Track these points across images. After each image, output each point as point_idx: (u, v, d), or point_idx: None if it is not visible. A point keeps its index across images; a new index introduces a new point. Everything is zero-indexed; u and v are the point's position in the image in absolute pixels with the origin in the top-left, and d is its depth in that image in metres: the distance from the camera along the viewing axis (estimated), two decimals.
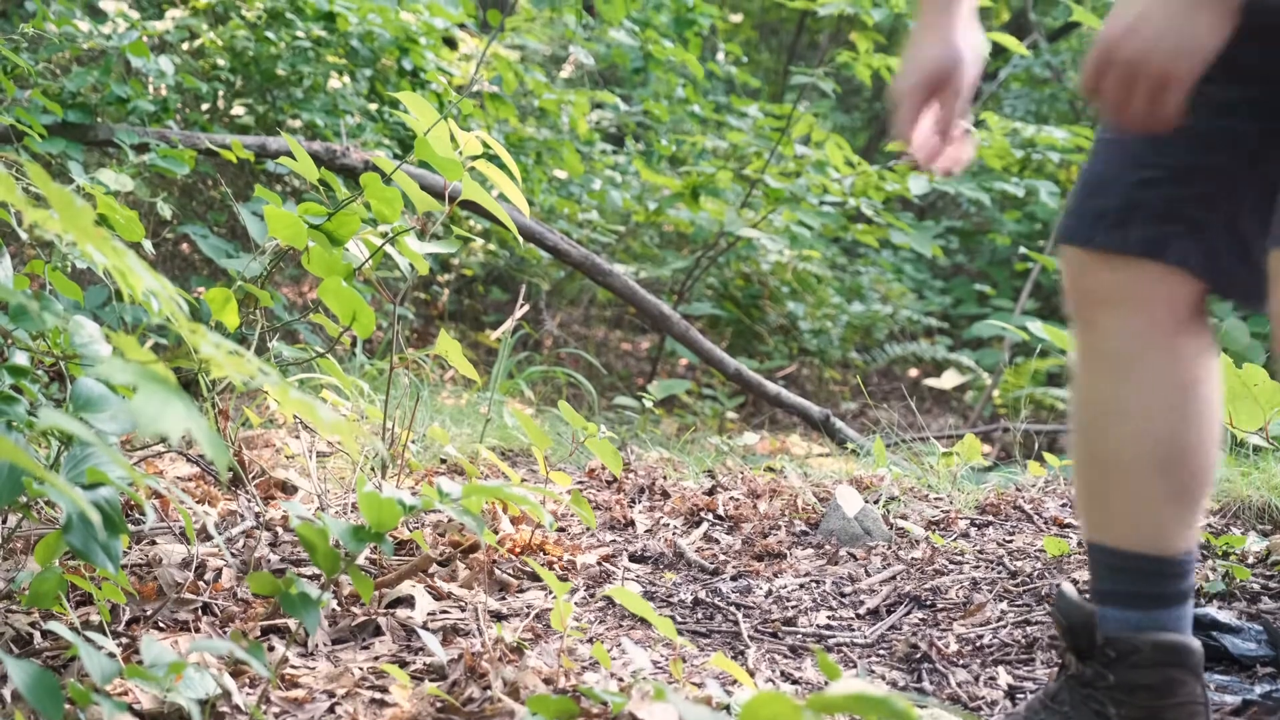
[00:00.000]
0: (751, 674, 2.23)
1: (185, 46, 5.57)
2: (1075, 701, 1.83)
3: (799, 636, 2.49)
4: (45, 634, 2.12)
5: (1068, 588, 1.89)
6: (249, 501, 2.94)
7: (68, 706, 1.61)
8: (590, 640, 2.36)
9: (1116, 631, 1.80)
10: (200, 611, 2.33)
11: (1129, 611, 1.80)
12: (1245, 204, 1.65)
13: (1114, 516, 1.80)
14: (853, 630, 2.53)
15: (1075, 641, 1.85)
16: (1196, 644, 1.79)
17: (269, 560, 2.60)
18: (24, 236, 2.41)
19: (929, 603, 2.66)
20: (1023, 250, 7.82)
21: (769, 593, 2.77)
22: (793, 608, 2.66)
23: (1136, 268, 1.70)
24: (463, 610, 2.42)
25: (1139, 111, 1.44)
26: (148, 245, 2.45)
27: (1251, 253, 1.64)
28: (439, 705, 1.91)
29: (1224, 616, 2.34)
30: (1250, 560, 2.77)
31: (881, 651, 2.42)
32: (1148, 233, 1.69)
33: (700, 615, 2.62)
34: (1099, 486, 1.80)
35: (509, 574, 2.64)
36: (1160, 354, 1.71)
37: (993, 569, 2.82)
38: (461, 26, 6.76)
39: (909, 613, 2.60)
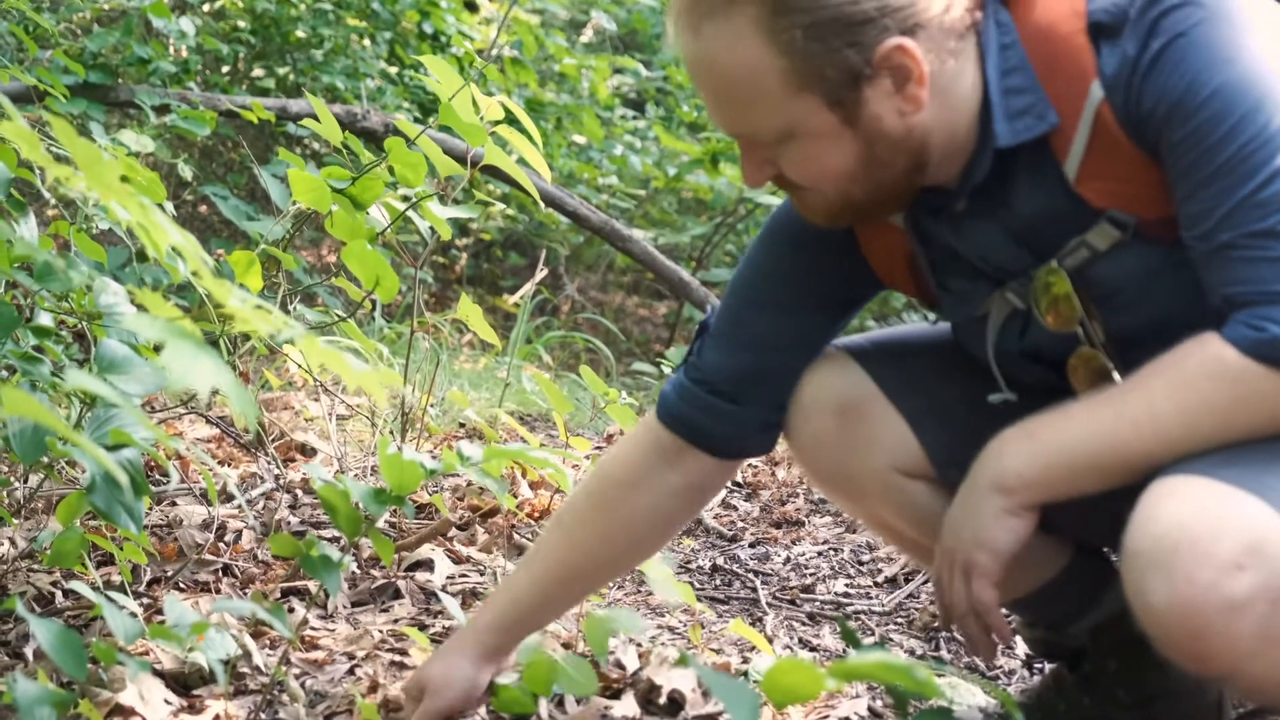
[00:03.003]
0: (770, 641, 2.23)
1: (206, 8, 5.56)
2: (1083, 686, 1.82)
3: (817, 604, 2.50)
4: (67, 593, 2.14)
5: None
6: (269, 464, 2.94)
7: (90, 665, 1.61)
8: (609, 605, 2.37)
9: (1106, 618, 1.78)
10: (221, 573, 2.34)
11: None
12: None
13: None
14: (870, 598, 2.53)
15: (1061, 658, 1.86)
16: None
17: (289, 522, 2.61)
18: (47, 196, 2.41)
19: None
20: None
21: (787, 560, 2.77)
22: (811, 575, 2.66)
23: None
24: (482, 574, 2.42)
25: (960, 593, 1.54)
26: (169, 207, 2.45)
27: None
28: None
29: None
30: None
31: (899, 620, 2.42)
32: None
33: (719, 582, 2.63)
34: None
35: (528, 538, 2.64)
36: None
37: None
38: None
39: (927, 581, 2.59)
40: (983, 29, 1.47)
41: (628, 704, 1.84)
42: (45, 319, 2.04)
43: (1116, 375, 1.55)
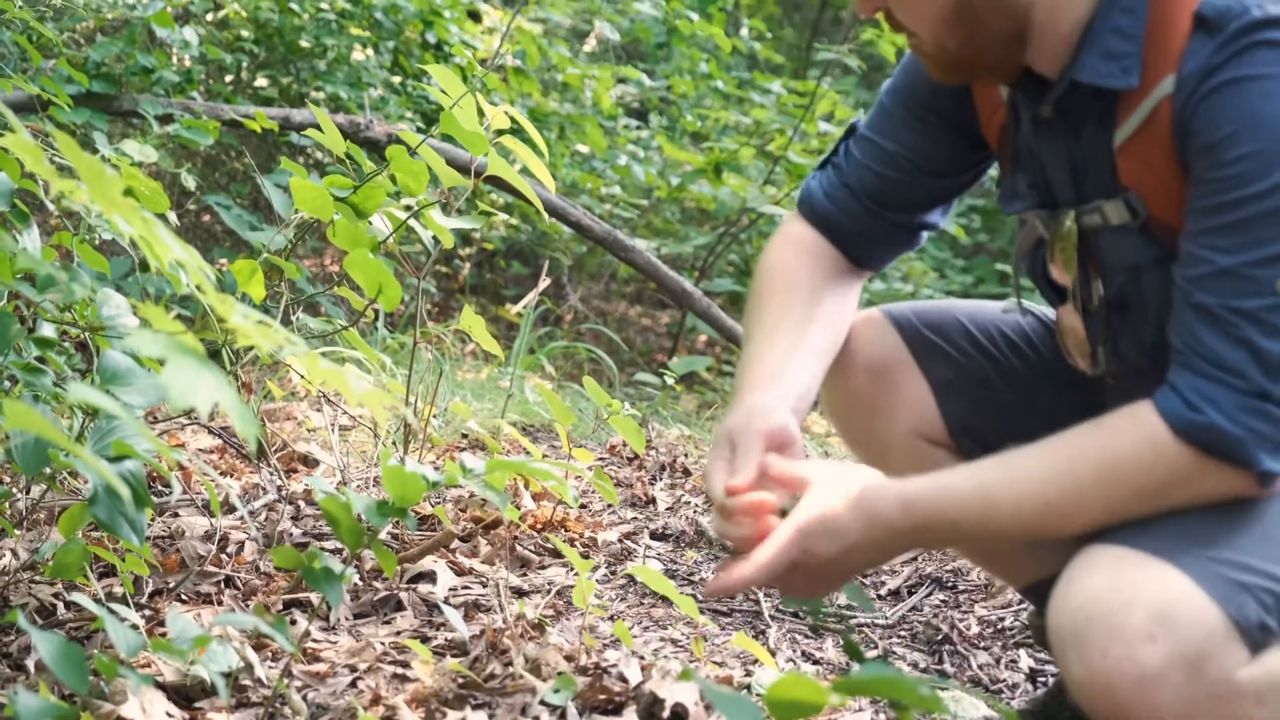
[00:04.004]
0: (773, 654, 2.22)
1: (209, 17, 5.56)
2: None
3: (820, 617, 2.49)
4: (69, 605, 2.13)
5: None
6: (271, 475, 2.94)
7: (92, 678, 1.61)
8: (612, 618, 2.36)
9: None
10: (223, 584, 2.34)
11: None
12: None
13: None
14: (874, 611, 2.52)
15: None
16: None
17: (291, 534, 2.60)
18: (51, 207, 2.41)
19: (950, 584, 2.65)
20: None
21: None
22: None
23: None
24: (484, 586, 2.42)
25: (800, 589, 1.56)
26: (171, 217, 2.45)
27: None
28: (460, 681, 1.91)
29: None
30: None
31: (903, 633, 2.41)
32: None
33: None
34: None
35: (531, 550, 2.63)
36: None
37: None
38: None
39: (930, 594, 2.59)
40: None
41: (629, 718, 1.83)
42: (48, 330, 2.03)
43: (1091, 343, 1.59)
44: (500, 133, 2.42)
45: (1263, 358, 1.33)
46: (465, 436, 3.59)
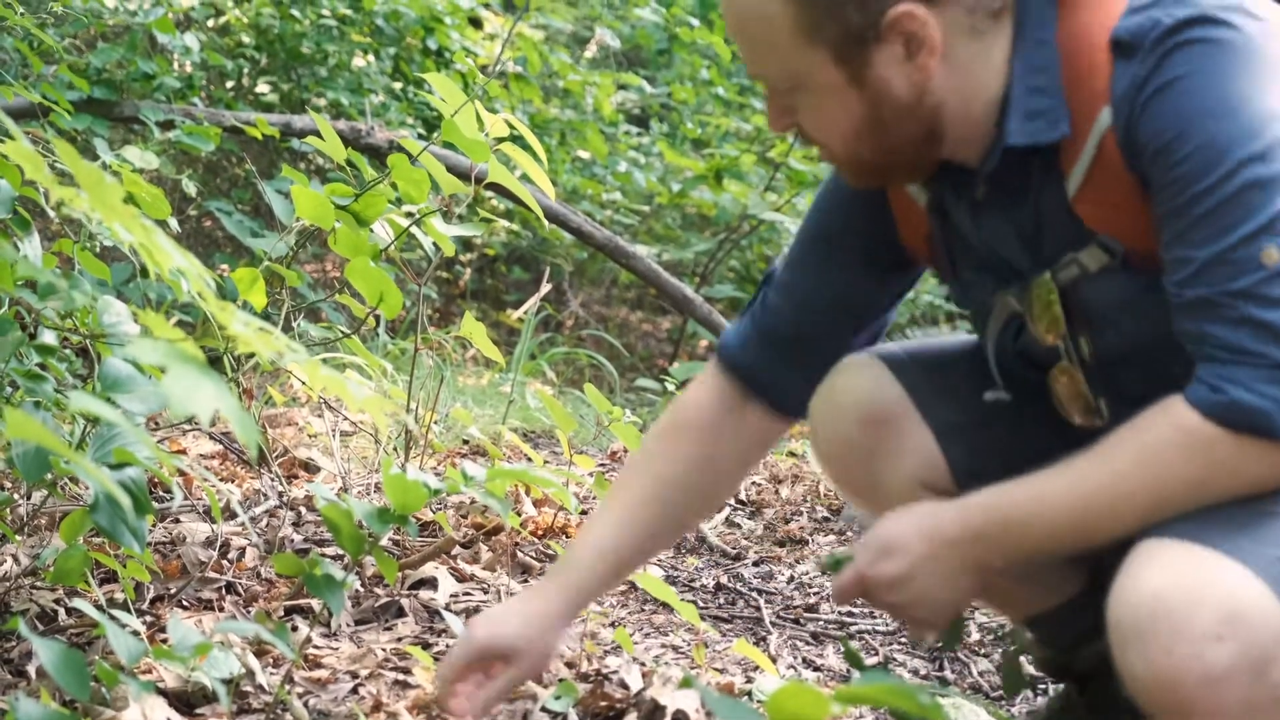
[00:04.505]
0: (773, 660, 2.22)
1: (210, 23, 5.56)
2: (1090, 708, 1.81)
3: (821, 623, 2.49)
4: (70, 611, 2.13)
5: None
6: (272, 481, 2.94)
7: (93, 684, 1.61)
8: (613, 624, 2.36)
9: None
10: (224, 590, 2.34)
11: None
12: None
13: None
14: (874, 618, 2.52)
15: (1069, 679, 1.84)
16: None
17: (292, 540, 2.61)
18: (51, 214, 2.42)
19: None
20: None
21: (791, 579, 2.77)
22: (814, 594, 2.65)
23: None
24: (486, 592, 2.42)
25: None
26: (173, 223, 2.45)
27: None
28: None
29: None
30: None
31: (903, 640, 2.41)
32: None
33: (722, 601, 2.62)
34: None
35: (532, 556, 2.63)
36: None
37: None
38: (486, 5, 6.74)
39: None
40: (1023, 18, 1.46)
41: None
42: (49, 337, 2.04)
43: (1091, 396, 1.57)
44: (501, 139, 2.42)
45: (1269, 330, 1.34)
46: (466, 442, 3.59)
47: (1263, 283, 1.34)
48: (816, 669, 2.24)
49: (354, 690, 1.96)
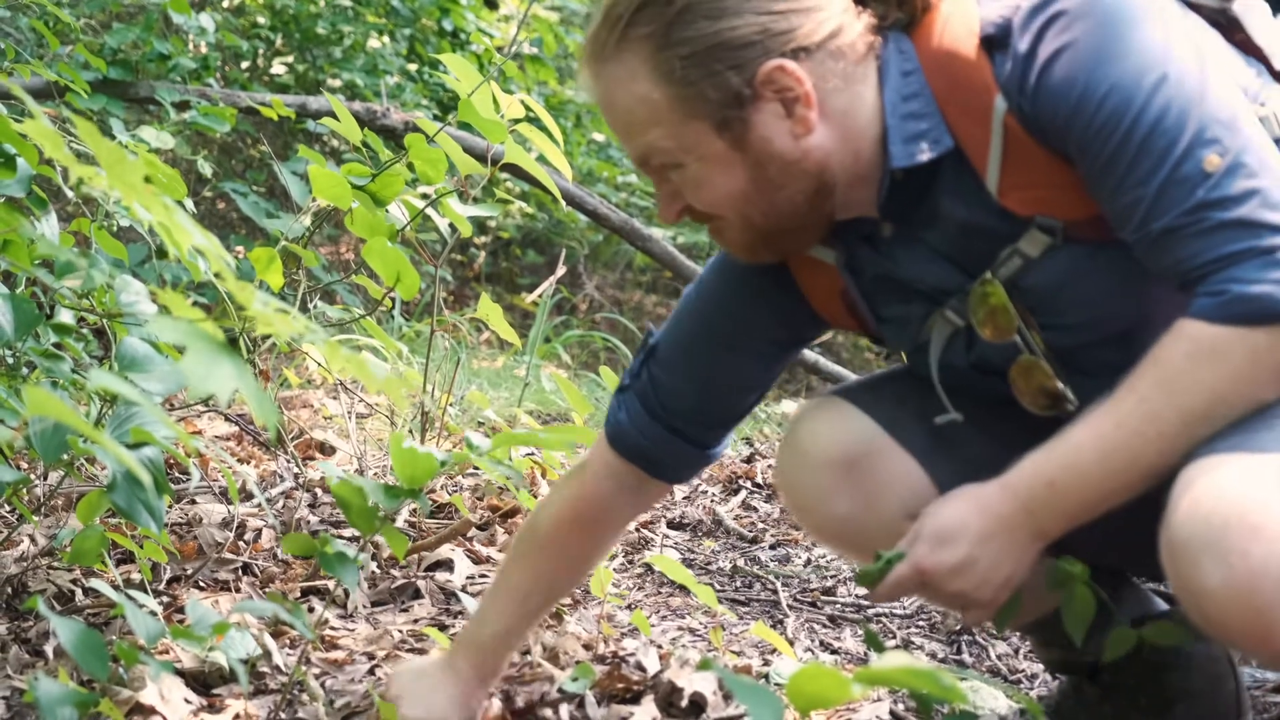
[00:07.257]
0: (791, 643, 2.22)
1: (225, 4, 5.56)
2: (1103, 695, 1.80)
3: (838, 606, 2.48)
4: (87, 591, 2.13)
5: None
6: (289, 462, 2.94)
7: (111, 664, 1.61)
8: (629, 607, 2.36)
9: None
10: (240, 571, 2.34)
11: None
12: None
13: None
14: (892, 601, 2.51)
15: (1077, 673, 1.83)
16: None
17: (308, 521, 2.61)
18: (69, 194, 2.41)
19: None
20: None
21: (808, 562, 2.76)
22: (832, 577, 2.65)
23: None
24: None
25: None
26: (188, 204, 2.44)
27: None
28: None
29: None
30: None
31: (920, 623, 2.41)
32: None
33: (739, 584, 2.62)
34: None
35: None
36: None
37: None
38: None
39: None
40: (883, 56, 1.48)
41: (648, 707, 1.83)
42: (66, 316, 2.03)
43: (1059, 383, 1.55)
44: (517, 120, 2.41)
45: (1242, 225, 1.34)
46: (481, 425, 3.59)
47: (1216, 187, 1.35)
48: (834, 652, 2.23)
49: (370, 671, 1.96)
